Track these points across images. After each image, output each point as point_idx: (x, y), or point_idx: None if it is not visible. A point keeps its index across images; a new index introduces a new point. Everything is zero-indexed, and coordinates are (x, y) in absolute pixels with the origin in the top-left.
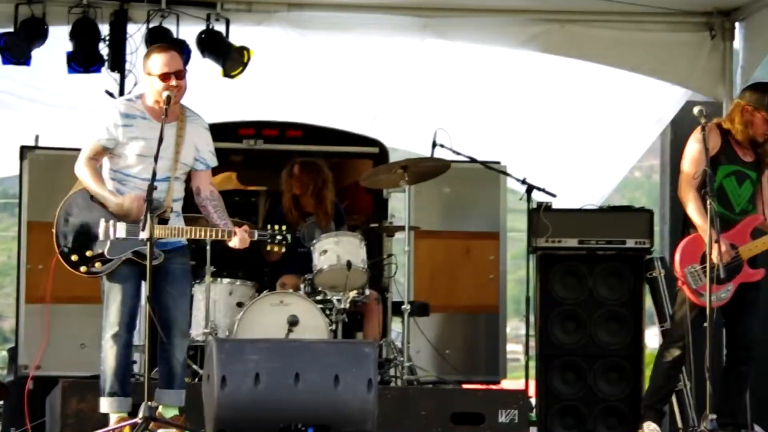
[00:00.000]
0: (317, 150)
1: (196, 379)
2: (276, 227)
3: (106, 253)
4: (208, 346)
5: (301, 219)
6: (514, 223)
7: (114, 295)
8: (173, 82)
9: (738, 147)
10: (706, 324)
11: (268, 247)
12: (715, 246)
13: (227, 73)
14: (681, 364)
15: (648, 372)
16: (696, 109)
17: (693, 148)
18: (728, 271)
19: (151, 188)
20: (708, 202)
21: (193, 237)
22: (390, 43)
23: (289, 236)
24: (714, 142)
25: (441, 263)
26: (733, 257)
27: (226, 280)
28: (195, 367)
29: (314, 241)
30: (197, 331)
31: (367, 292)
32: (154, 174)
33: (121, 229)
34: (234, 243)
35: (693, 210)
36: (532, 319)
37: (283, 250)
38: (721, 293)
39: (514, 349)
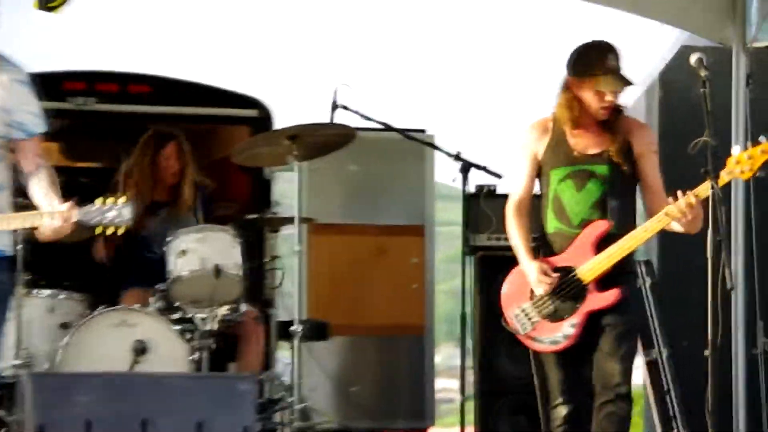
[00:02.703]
0: (171, 112)
1: (3, 431)
2: (109, 200)
3: None
4: (20, 383)
5: (151, 214)
6: (444, 215)
7: None
8: None
9: (581, 137)
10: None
11: (98, 229)
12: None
13: (43, 5)
14: (578, 418)
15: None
16: (694, 58)
17: (516, 154)
18: (565, 301)
19: None
20: (711, 185)
21: None
22: None
23: (126, 211)
24: (539, 141)
25: (345, 268)
26: (567, 284)
27: (45, 292)
28: (1, 412)
29: (169, 239)
30: (4, 363)
31: (244, 308)
32: None
33: None
34: (43, 229)
35: (508, 229)
36: (469, 343)
37: (120, 231)
38: (562, 332)
39: (446, 385)
